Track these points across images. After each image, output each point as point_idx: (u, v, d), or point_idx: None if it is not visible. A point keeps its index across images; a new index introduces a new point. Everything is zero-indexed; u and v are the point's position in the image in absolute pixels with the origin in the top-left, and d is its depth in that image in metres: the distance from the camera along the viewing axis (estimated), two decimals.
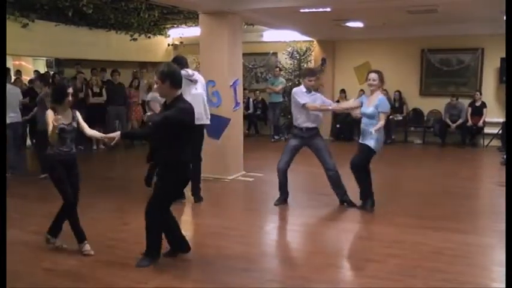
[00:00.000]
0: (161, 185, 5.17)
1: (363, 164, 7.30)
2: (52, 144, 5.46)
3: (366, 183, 7.37)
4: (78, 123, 5.69)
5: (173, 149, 5.01)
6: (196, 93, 7.65)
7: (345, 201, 7.56)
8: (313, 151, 7.57)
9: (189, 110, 5.12)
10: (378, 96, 7.07)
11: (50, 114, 5.33)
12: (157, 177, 5.33)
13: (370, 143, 7.04)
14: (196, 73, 7.93)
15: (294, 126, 7.70)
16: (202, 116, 7.70)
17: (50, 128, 5.25)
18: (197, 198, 7.91)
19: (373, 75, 7.15)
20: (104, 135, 5.70)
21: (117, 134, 5.20)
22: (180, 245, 5.49)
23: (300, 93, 7.48)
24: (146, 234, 5.22)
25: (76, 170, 5.72)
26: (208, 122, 8.01)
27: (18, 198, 8.12)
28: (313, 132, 7.48)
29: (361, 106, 7.25)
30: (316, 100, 7.50)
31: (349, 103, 7.87)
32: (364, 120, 7.19)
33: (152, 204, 5.15)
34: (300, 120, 7.49)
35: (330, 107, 7.82)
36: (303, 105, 7.35)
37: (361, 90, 14.52)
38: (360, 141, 7.31)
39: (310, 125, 7.47)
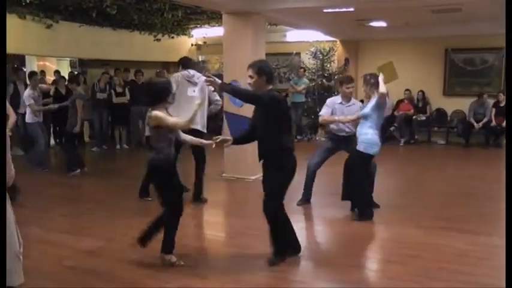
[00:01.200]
0: (274, 177, 5.19)
1: (357, 169, 7.05)
2: (163, 147, 5.14)
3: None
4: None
5: (281, 137, 5.14)
6: (192, 96, 7.52)
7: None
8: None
9: (280, 97, 5.31)
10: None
11: (162, 115, 5.00)
12: (267, 171, 5.31)
13: (359, 147, 6.89)
14: (198, 75, 7.82)
15: (330, 129, 7.66)
16: (197, 122, 7.52)
17: (181, 124, 5.11)
18: (199, 199, 7.90)
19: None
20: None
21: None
22: (294, 244, 5.49)
23: (328, 103, 7.49)
24: (271, 233, 5.29)
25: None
26: (204, 131, 7.67)
27: (40, 196, 8.24)
28: (349, 138, 7.38)
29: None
30: (351, 111, 7.34)
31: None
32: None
33: (271, 201, 5.21)
34: (336, 128, 7.48)
35: (336, 118, 7.49)
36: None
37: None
38: None
39: (346, 132, 7.44)
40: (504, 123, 13.46)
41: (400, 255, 5.60)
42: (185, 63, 7.93)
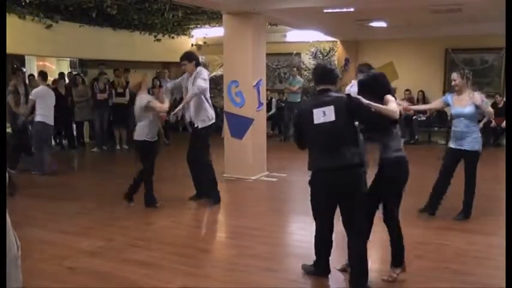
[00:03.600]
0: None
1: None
2: None
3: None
4: None
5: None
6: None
7: None
8: None
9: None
10: (474, 94, 6.79)
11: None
12: (361, 182, 4.78)
13: (475, 147, 6.83)
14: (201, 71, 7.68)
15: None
16: (193, 117, 7.67)
17: None
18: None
19: (453, 75, 6.96)
20: None
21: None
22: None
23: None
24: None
25: None
26: (201, 125, 7.67)
27: (41, 198, 8.23)
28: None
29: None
30: None
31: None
32: (461, 123, 6.96)
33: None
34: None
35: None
36: None
37: None
38: (459, 147, 6.98)
39: None
40: (503, 124, 13.48)
41: None
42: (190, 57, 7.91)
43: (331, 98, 4.47)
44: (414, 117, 14.49)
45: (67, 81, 13.85)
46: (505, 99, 13.61)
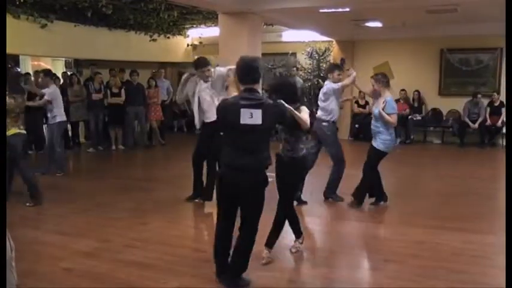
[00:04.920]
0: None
1: (370, 164, 7.42)
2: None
3: (372, 182, 7.47)
4: None
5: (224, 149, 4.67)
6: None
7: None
8: None
9: (223, 105, 4.66)
10: (385, 98, 7.26)
11: None
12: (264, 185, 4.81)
13: (377, 144, 7.28)
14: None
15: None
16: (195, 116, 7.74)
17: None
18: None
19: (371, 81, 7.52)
20: None
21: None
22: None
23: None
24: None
25: None
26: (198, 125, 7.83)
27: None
28: None
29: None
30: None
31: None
32: (372, 121, 7.43)
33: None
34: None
35: None
36: None
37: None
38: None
39: None
40: (499, 123, 13.54)
41: (398, 254, 5.61)
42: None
43: (260, 101, 4.47)
44: (410, 117, 14.54)
45: (62, 81, 13.80)
46: (501, 99, 13.67)
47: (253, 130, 4.41)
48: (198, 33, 16.56)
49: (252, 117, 4.38)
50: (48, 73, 10.68)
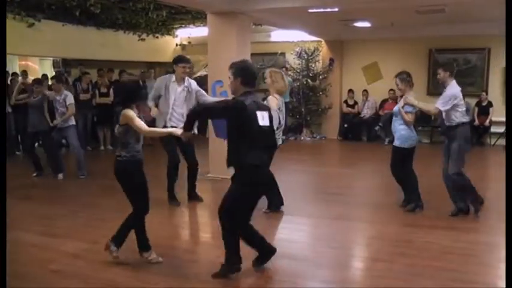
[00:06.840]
0: (233, 189, 5.09)
1: (396, 164, 7.43)
2: (129, 143, 5.28)
3: (406, 183, 7.45)
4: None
5: (242, 150, 4.81)
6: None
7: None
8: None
9: (237, 104, 4.70)
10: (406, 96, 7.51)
11: (131, 115, 5.18)
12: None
13: (395, 142, 7.38)
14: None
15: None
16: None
17: (144, 130, 5.20)
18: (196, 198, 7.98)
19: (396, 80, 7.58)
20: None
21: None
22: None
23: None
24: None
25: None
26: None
27: (24, 200, 8.16)
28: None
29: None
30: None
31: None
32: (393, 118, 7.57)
33: (223, 211, 5.27)
34: None
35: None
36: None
37: (365, 90, 14.79)
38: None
39: None
40: (486, 122, 13.63)
41: (386, 253, 5.62)
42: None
43: (265, 105, 4.99)
44: None
45: (50, 82, 13.71)
46: (489, 99, 13.77)
47: (264, 131, 4.74)
48: (186, 33, 16.54)
49: (263, 119, 4.70)
50: (59, 78, 10.58)
